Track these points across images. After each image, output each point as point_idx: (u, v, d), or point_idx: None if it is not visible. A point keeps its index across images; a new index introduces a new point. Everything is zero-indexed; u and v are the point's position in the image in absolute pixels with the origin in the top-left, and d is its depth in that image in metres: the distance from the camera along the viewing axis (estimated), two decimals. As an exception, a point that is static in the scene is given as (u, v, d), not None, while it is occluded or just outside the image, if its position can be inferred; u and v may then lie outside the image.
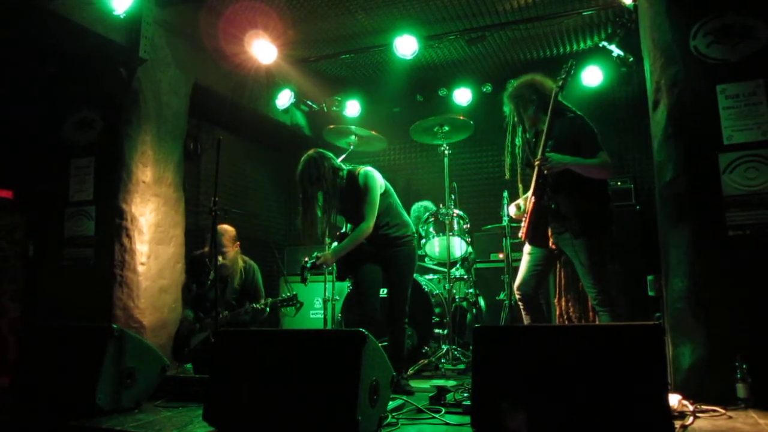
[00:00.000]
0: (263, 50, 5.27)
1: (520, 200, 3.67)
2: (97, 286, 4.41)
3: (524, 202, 3.57)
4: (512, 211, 3.72)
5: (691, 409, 2.74)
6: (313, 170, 3.61)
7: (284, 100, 6.19)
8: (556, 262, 3.81)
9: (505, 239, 4.58)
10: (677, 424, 2.47)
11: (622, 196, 5.11)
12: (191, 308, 4.56)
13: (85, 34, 4.13)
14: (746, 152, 3.16)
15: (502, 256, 5.27)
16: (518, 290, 3.52)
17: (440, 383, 3.46)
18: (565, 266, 4.08)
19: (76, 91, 4.77)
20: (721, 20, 3.28)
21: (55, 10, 3.88)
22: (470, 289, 5.11)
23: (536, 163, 3.32)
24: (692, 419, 2.59)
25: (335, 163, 3.72)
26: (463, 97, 6.22)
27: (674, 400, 2.76)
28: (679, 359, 3.16)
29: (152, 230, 4.61)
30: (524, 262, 3.54)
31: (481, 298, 5.35)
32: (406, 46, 5.23)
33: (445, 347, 4.62)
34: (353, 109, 6.56)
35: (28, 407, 3.07)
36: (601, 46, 5.42)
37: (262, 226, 6.86)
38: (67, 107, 4.78)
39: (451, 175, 4.88)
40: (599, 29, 5.43)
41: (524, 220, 3.47)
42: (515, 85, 3.59)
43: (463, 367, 4.49)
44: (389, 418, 2.66)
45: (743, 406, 2.79)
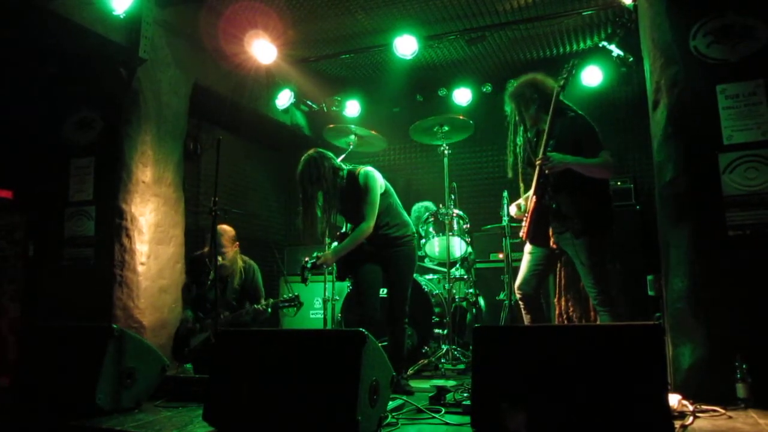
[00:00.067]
0: (263, 50, 5.27)
1: (521, 200, 3.66)
2: (97, 286, 4.41)
3: (525, 201, 3.56)
4: (513, 210, 3.71)
5: (691, 409, 2.74)
6: (313, 170, 3.61)
7: (284, 100, 6.19)
8: (556, 261, 3.80)
9: (504, 239, 4.58)
10: (677, 424, 2.47)
11: (622, 196, 5.11)
12: (191, 308, 4.56)
13: (85, 34, 4.14)
14: (746, 152, 3.16)
15: (501, 256, 5.26)
16: (519, 290, 3.52)
17: (440, 383, 3.46)
18: (565, 266, 4.07)
19: (76, 91, 4.77)
20: (721, 20, 3.28)
21: (55, 10, 3.89)
22: (470, 289, 5.11)
23: (537, 162, 3.31)
24: (692, 419, 2.59)
25: (335, 162, 3.72)
26: (463, 97, 6.22)
27: (674, 400, 2.76)
28: (679, 359, 3.16)
29: (152, 230, 4.61)
30: (525, 261, 3.53)
31: (481, 297, 5.35)
32: (406, 46, 5.23)
33: (445, 347, 4.62)
34: (353, 109, 6.56)
35: (28, 407, 3.07)
36: (601, 46, 5.42)
37: (262, 226, 6.86)
38: (67, 107, 4.78)
39: (451, 175, 4.88)
40: (599, 29, 5.43)
41: (525, 219, 3.46)
42: (517, 84, 3.58)
43: (463, 367, 4.48)
44: (389, 418, 2.66)
45: (743, 406, 2.79)
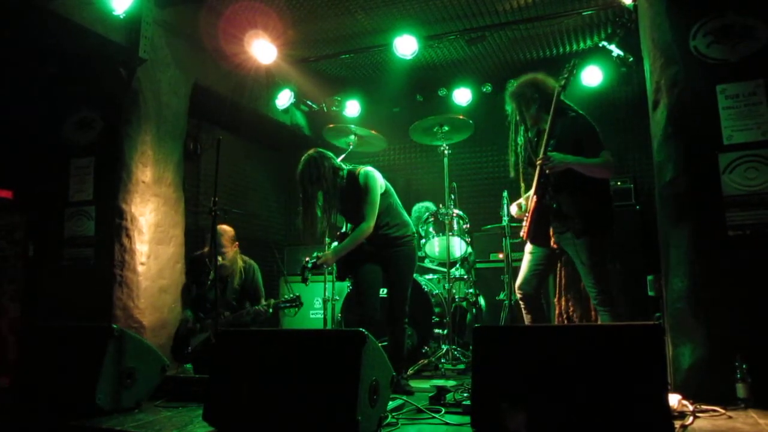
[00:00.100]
0: (263, 50, 5.27)
1: (521, 199, 3.65)
2: (97, 286, 4.41)
3: (526, 201, 3.56)
4: (514, 210, 3.71)
5: (690, 409, 2.74)
6: (313, 170, 3.61)
7: (284, 100, 6.19)
8: (557, 261, 3.80)
9: (504, 239, 4.58)
10: (677, 424, 2.47)
11: (622, 196, 5.11)
12: (191, 309, 4.56)
13: (85, 34, 4.14)
14: (746, 152, 3.16)
15: (501, 256, 5.26)
16: (519, 290, 3.51)
17: (440, 383, 3.46)
18: (565, 265, 4.07)
19: (76, 91, 4.77)
20: (721, 20, 3.28)
21: (55, 10, 3.88)
22: (470, 289, 5.11)
23: (538, 162, 3.31)
24: (692, 419, 2.59)
25: (335, 162, 3.72)
26: (462, 97, 6.22)
27: (674, 400, 2.76)
28: (679, 359, 3.16)
29: (152, 230, 4.61)
30: (525, 261, 3.53)
31: (481, 297, 5.35)
32: (405, 46, 5.23)
33: (445, 347, 4.62)
34: (353, 109, 6.56)
35: (28, 407, 3.07)
36: (600, 46, 5.42)
37: (262, 226, 6.86)
38: (67, 107, 4.78)
39: (450, 175, 4.88)
40: (599, 29, 5.43)
41: (526, 219, 3.46)
42: (517, 83, 3.58)
43: (463, 367, 4.48)
44: (389, 418, 2.66)
45: (743, 406, 2.79)
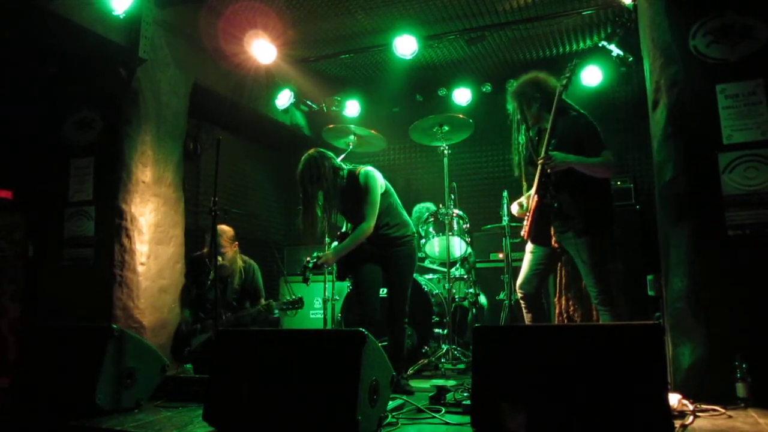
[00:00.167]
0: (263, 50, 5.27)
1: (522, 198, 3.64)
2: (96, 286, 4.41)
3: (527, 200, 3.55)
4: (515, 209, 3.70)
5: (690, 408, 2.74)
6: (313, 169, 3.61)
7: (284, 100, 6.19)
8: (558, 261, 3.80)
9: (504, 239, 4.58)
10: (677, 423, 2.47)
11: (622, 195, 5.12)
12: (189, 309, 4.56)
13: (85, 34, 4.14)
14: (746, 152, 3.16)
15: (501, 255, 5.26)
16: (520, 289, 3.51)
17: (440, 383, 3.45)
18: (566, 265, 4.06)
19: (76, 91, 4.77)
20: (720, 20, 3.28)
21: (55, 10, 3.89)
22: (470, 288, 5.11)
23: (539, 161, 3.31)
24: (692, 418, 2.59)
25: (336, 162, 3.72)
26: (462, 96, 6.22)
27: (674, 399, 2.76)
28: (678, 359, 3.16)
29: (152, 230, 4.61)
30: (526, 260, 3.53)
31: (483, 296, 5.34)
32: (405, 46, 5.23)
33: (445, 347, 4.62)
34: (353, 109, 6.57)
35: (28, 407, 3.07)
36: (600, 45, 5.42)
37: (262, 226, 6.86)
38: (67, 107, 4.78)
39: (450, 174, 4.87)
40: (599, 29, 5.44)
41: (527, 218, 3.46)
42: (519, 82, 3.57)
43: (463, 366, 4.48)
44: (389, 417, 2.66)
45: (743, 405, 2.79)
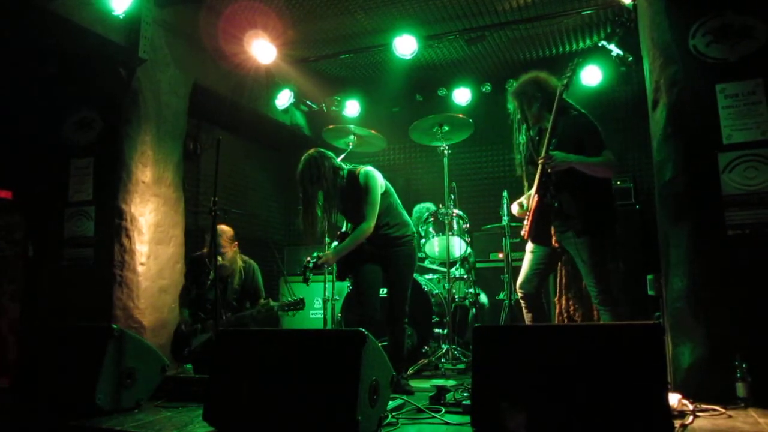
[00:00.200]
0: (263, 50, 5.27)
1: (522, 198, 3.63)
2: (96, 286, 4.41)
3: (527, 200, 3.54)
4: (515, 209, 3.69)
5: (690, 408, 2.74)
6: (313, 169, 3.61)
7: (284, 100, 6.19)
8: (558, 260, 3.79)
9: (504, 239, 4.58)
10: (677, 423, 2.47)
11: (622, 195, 5.12)
12: (188, 309, 4.55)
13: (84, 34, 4.14)
14: (745, 152, 3.16)
15: (501, 255, 5.26)
16: (520, 289, 3.51)
17: (440, 383, 3.45)
18: (566, 265, 4.06)
19: (76, 91, 4.77)
20: (720, 19, 3.28)
21: (55, 10, 3.88)
22: (470, 288, 5.10)
23: (540, 161, 3.30)
24: (692, 418, 2.59)
25: (336, 162, 3.72)
26: (462, 96, 6.22)
27: (674, 399, 2.76)
28: (678, 358, 3.16)
29: (152, 230, 4.61)
30: (526, 260, 3.53)
31: (484, 295, 5.33)
32: (405, 45, 5.23)
33: (444, 347, 4.62)
34: (353, 109, 6.57)
35: (28, 407, 3.07)
36: (600, 45, 5.42)
37: (262, 226, 6.86)
38: (67, 107, 4.78)
39: (450, 174, 4.87)
40: (598, 29, 5.44)
41: (527, 218, 3.46)
42: (520, 82, 3.57)
43: (463, 366, 4.48)
44: (389, 417, 2.65)
45: (743, 405, 2.79)
